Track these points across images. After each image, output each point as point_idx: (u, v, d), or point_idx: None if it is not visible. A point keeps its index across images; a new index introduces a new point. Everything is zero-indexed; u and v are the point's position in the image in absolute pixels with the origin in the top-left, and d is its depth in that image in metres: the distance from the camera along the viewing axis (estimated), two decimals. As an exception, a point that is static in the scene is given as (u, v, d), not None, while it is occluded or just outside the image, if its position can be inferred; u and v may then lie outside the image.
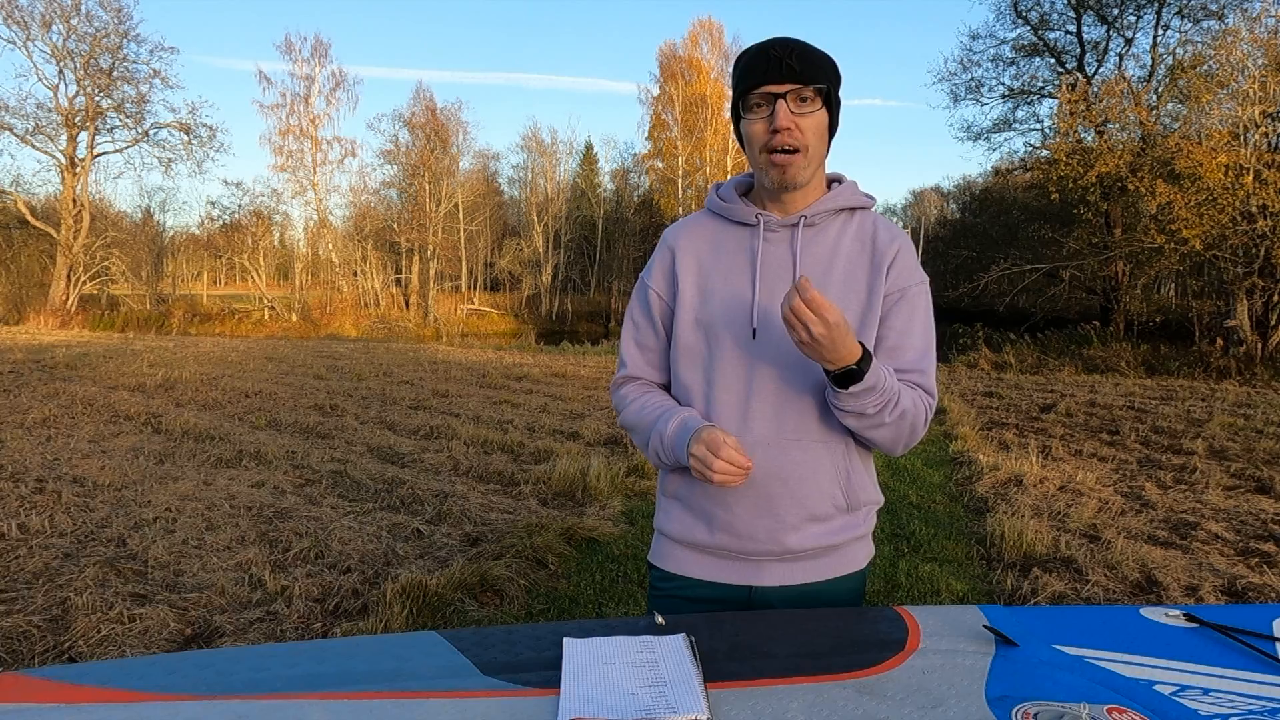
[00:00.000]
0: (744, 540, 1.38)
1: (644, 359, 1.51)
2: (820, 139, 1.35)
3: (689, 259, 1.44)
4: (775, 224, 1.39)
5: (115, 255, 29.00)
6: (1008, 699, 0.97)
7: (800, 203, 1.40)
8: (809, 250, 1.39)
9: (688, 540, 1.44)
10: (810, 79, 1.31)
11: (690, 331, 1.42)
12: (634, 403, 1.48)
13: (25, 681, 0.98)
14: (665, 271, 1.47)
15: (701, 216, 1.50)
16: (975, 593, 4.01)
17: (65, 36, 26.35)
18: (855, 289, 1.38)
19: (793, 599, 1.41)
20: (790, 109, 1.31)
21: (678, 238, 1.48)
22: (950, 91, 30.46)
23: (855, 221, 1.43)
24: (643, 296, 1.50)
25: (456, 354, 17.03)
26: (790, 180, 1.34)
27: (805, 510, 1.37)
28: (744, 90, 1.33)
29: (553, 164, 43.17)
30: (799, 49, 1.32)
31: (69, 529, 4.36)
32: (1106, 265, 19.80)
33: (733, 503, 1.37)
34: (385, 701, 0.94)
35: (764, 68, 1.31)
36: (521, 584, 3.88)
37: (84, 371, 11.48)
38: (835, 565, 1.43)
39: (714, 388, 1.38)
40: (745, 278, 1.39)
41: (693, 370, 1.42)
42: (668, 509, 1.49)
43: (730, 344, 1.38)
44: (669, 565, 1.47)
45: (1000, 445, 7.46)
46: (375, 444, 7.02)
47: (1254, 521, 5.01)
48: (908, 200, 62.13)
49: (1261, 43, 14.82)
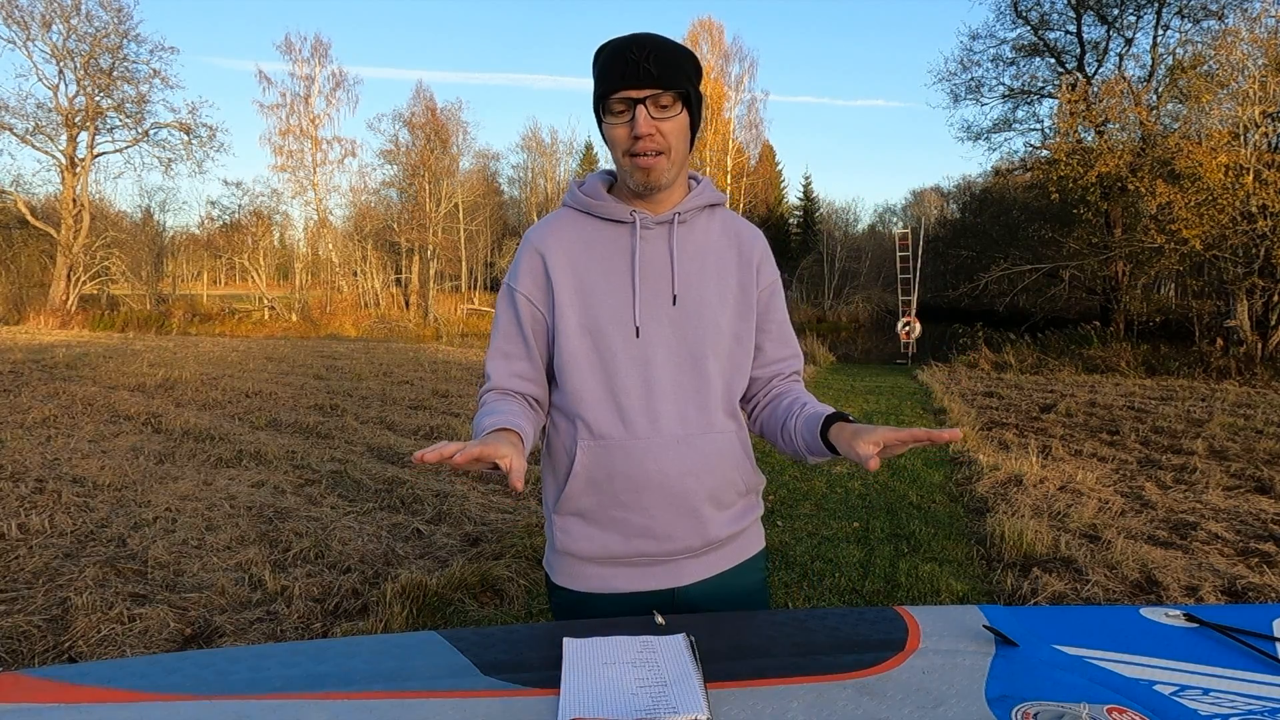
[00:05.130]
0: (663, 541, 1.37)
1: (508, 369, 1.41)
2: (682, 139, 1.35)
3: (561, 261, 1.38)
4: (650, 222, 1.39)
5: (115, 255, 28.99)
6: (1008, 699, 0.97)
7: (667, 201, 1.40)
8: (683, 247, 1.40)
9: (601, 556, 1.39)
10: (669, 83, 1.29)
11: (576, 338, 1.36)
12: (479, 411, 1.37)
13: (25, 681, 0.98)
14: (536, 276, 1.39)
15: (568, 215, 1.43)
16: (975, 593, 4.01)
17: (65, 36, 26.34)
18: (728, 283, 1.43)
19: (711, 594, 1.43)
20: (650, 114, 1.30)
21: (544, 238, 1.40)
22: (950, 91, 30.47)
23: (717, 218, 1.47)
24: (510, 304, 1.41)
25: (456, 354, 17.03)
26: (654, 182, 1.35)
27: (717, 501, 1.40)
28: (603, 93, 1.31)
29: (553, 164, 43.20)
30: (657, 50, 1.29)
31: (69, 529, 4.36)
32: (1106, 265, 19.79)
33: (649, 505, 1.35)
34: (385, 701, 0.94)
35: (622, 71, 1.28)
36: (521, 584, 3.88)
37: (84, 371, 11.48)
38: (739, 551, 1.47)
39: (616, 392, 1.34)
40: (625, 277, 1.37)
41: (586, 376, 1.36)
42: (567, 528, 1.40)
43: (620, 345, 1.35)
44: (582, 585, 1.40)
45: (1000, 445, 7.46)
46: (375, 444, 7.02)
47: (1254, 521, 5.01)
48: (908, 200, 62.08)
49: (1261, 43, 14.82)
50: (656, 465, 1.34)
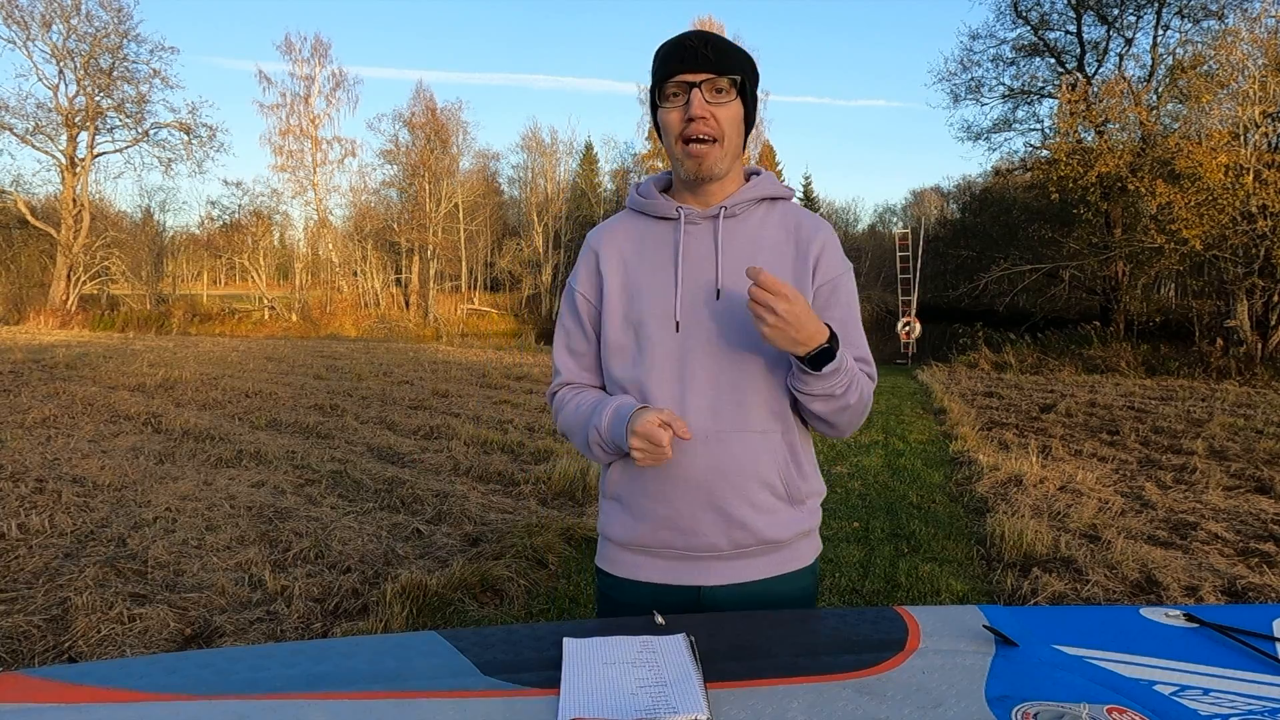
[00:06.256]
0: (688, 536, 1.37)
1: (577, 364, 1.49)
2: (736, 129, 1.35)
3: (613, 258, 1.44)
4: (696, 216, 1.39)
5: (115, 255, 29.00)
6: (1008, 699, 0.97)
7: (719, 194, 1.40)
8: (731, 241, 1.38)
9: (632, 543, 1.41)
10: (725, 69, 1.31)
11: (619, 330, 1.41)
12: (567, 405, 1.47)
13: (25, 681, 0.98)
14: (590, 273, 1.46)
15: (624, 216, 1.49)
16: (975, 593, 4.01)
17: (65, 36, 26.38)
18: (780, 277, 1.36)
19: (742, 598, 1.38)
20: (705, 98, 1.31)
21: (600, 239, 1.47)
22: (950, 91, 30.44)
23: (777, 211, 1.43)
24: (570, 301, 1.49)
25: (456, 354, 17.03)
26: (707, 171, 1.35)
27: (750, 502, 1.35)
28: (660, 80, 1.34)
29: (553, 164, 43.18)
30: (715, 41, 1.32)
31: (69, 529, 4.36)
32: (1106, 265, 19.80)
33: (674, 498, 1.36)
34: (385, 701, 0.94)
35: (680, 56, 1.31)
36: (521, 584, 3.88)
37: (84, 371, 11.48)
38: (782, 562, 1.41)
39: (648, 384, 1.36)
40: (669, 271, 1.39)
41: (624, 367, 1.40)
42: (609, 511, 1.46)
43: (659, 339, 1.37)
44: (617, 570, 1.45)
45: (1000, 445, 7.46)
46: (375, 444, 7.02)
47: (1254, 521, 5.01)
48: (908, 200, 62.14)
49: (1261, 43, 14.82)
50: (681, 460, 1.34)
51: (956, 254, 28.37)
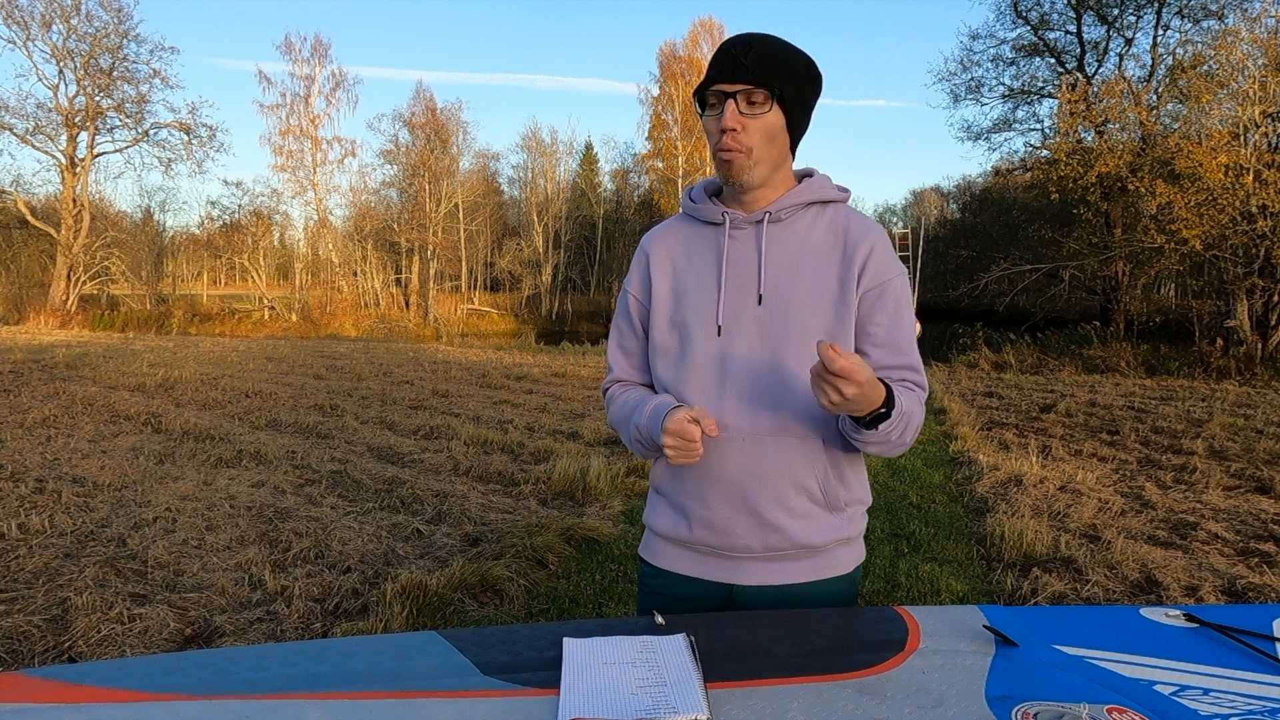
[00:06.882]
0: (722, 535, 1.38)
1: (628, 362, 1.55)
2: (768, 141, 1.34)
3: (663, 261, 1.48)
4: (741, 221, 1.40)
5: (115, 255, 29.01)
6: (1008, 699, 0.97)
7: (764, 200, 1.40)
8: (775, 246, 1.39)
9: (671, 535, 1.45)
10: (762, 80, 1.29)
11: (665, 332, 1.45)
12: (616, 401, 1.53)
13: (25, 681, 0.98)
14: (642, 275, 1.50)
15: (676, 220, 1.53)
16: (975, 593, 4.01)
17: (65, 36, 26.38)
18: (825, 282, 1.36)
19: (775, 600, 1.39)
20: (738, 110, 1.31)
21: (653, 243, 1.51)
22: (950, 91, 30.49)
23: (827, 215, 1.42)
24: (623, 302, 1.55)
25: (456, 354, 17.03)
26: (736, 179, 1.35)
27: (785, 506, 1.35)
28: (702, 86, 1.35)
29: (553, 164, 43.20)
30: (761, 48, 1.31)
31: (69, 529, 4.36)
32: (1106, 265, 19.80)
33: (710, 497, 1.38)
34: (385, 701, 0.94)
35: (720, 64, 1.32)
36: (521, 584, 3.88)
37: (84, 371, 11.48)
38: (819, 568, 1.40)
39: (686, 384, 1.40)
40: (713, 276, 1.40)
41: (667, 368, 1.44)
42: (654, 503, 1.51)
43: (701, 342, 1.39)
44: (657, 560, 1.49)
45: (1000, 445, 7.46)
46: (375, 444, 7.02)
47: (1254, 521, 5.01)
48: (908, 200, 62.17)
49: (1261, 43, 14.82)
50: (718, 461, 1.36)
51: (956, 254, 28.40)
